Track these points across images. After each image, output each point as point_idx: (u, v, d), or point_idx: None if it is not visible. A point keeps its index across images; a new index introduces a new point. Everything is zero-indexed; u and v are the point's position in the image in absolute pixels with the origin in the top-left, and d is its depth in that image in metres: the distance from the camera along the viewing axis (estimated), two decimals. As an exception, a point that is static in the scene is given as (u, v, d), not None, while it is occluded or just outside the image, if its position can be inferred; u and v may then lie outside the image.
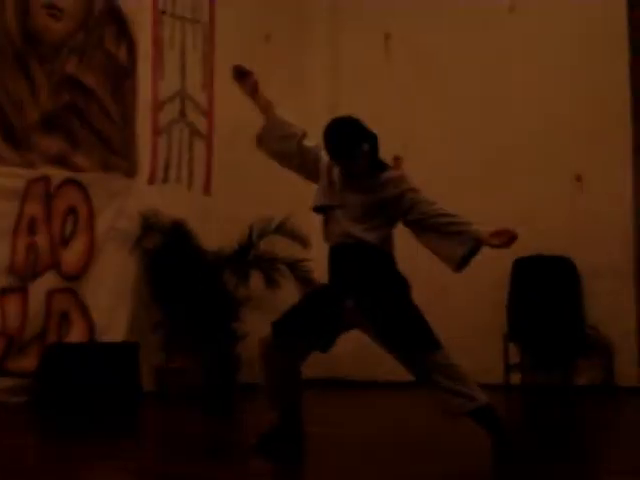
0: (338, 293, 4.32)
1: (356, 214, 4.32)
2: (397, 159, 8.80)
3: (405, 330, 4.34)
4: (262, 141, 4.65)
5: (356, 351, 8.95)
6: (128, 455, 4.52)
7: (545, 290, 8.02)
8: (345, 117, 4.39)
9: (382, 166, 4.42)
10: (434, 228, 4.48)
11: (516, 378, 8.10)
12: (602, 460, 4.42)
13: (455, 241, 4.44)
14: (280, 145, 4.51)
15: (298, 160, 4.48)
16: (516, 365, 8.10)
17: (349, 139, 4.26)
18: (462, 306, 8.48)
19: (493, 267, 8.21)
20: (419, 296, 4.80)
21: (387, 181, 4.37)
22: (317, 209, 4.43)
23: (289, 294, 8.13)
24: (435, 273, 8.58)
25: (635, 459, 4.30)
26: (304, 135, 4.49)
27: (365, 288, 4.31)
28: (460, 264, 4.53)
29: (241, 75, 4.98)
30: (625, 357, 7.76)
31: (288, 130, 4.52)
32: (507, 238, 4.38)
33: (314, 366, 4.69)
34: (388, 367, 8.41)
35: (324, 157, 4.40)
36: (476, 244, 4.42)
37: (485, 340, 8.22)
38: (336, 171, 4.38)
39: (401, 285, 4.54)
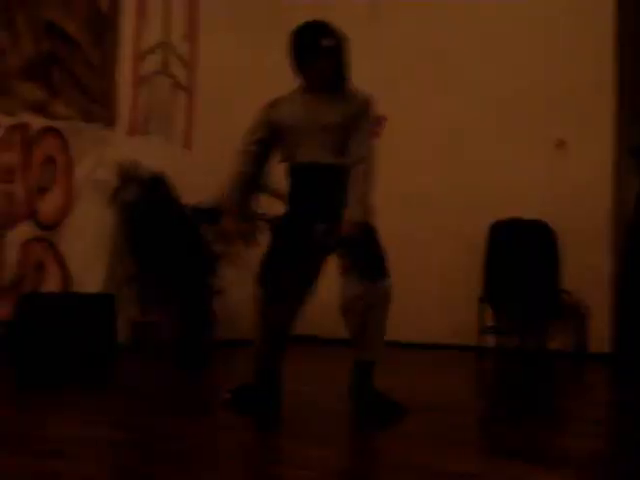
0: (307, 219, 4.32)
1: (325, 135, 4.29)
2: (381, 118, 8.80)
3: (369, 254, 4.38)
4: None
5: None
6: (99, 407, 4.54)
7: (521, 254, 8.05)
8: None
9: (347, 81, 4.43)
10: None
11: (490, 340, 8.16)
12: (563, 423, 4.47)
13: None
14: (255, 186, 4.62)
15: (266, 152, 4.54)
16: (490, 327, 8.15)
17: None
18: (439, 267, 8.53)
19: (470, 230, 8.28)
20: (395, 253, 4.82)
21: (355, 95, 4.39)
22: (284, 129, 4.40)
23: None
24: (413, 234, 8.69)
25: (594, 423, 4.36)
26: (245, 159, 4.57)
27: (335, 212, 4.26)
28: None
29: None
30: (599, 323, 7.82)
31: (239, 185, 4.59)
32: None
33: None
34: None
35: (272, 114, 4.44)
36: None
37: (460, 302, 8.28)
38: (298, 100, 4.38)
39: None
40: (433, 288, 8.53)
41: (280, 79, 5.14)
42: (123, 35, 7.96)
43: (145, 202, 7.72)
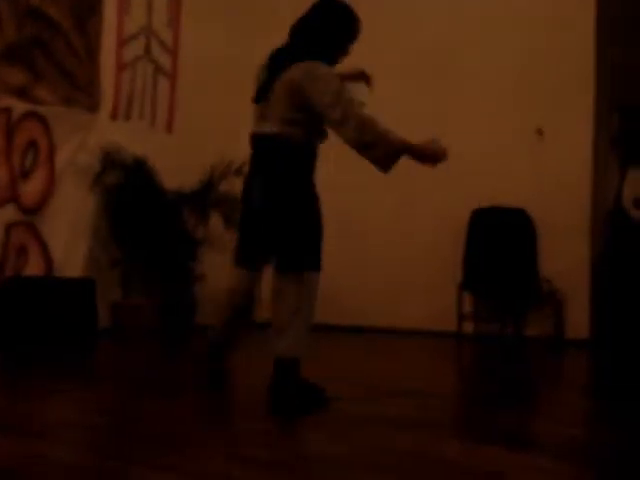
0: (249, 193, 4.29)
1: (274, 105, 4.14)
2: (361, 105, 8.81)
3: (294, 238, 4.11)
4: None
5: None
6: (82, 392, 4.57)
7: (501, 241, 8.12)
8: None
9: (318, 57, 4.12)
10: None
11: (469, 327, 8.24)
12: (540, 408, 4.54)
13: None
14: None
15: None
16: (469, 314, 8.23)
17: None
18: (419, 253, 8.58)
19: (451, 216, 8.34)
20: (375, 240, 4.84)
21: (297, 66, 4.08)
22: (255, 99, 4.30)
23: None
24: (394, 219, 8.74)
25: (571, 408, 4.43)
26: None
27: (269, 187, 4.14)
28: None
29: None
30: (576, 310, 7.90)
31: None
32: None
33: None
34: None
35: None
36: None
37: (440, 288, 8.34)
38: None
39: (306, 193, 4.20)
40: (414, 273, 8.58)
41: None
42: (106, 21, 7.96)
43: (127, 186, 7.74)
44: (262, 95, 4.22)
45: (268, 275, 4.30)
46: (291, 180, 4.13)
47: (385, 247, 8.70)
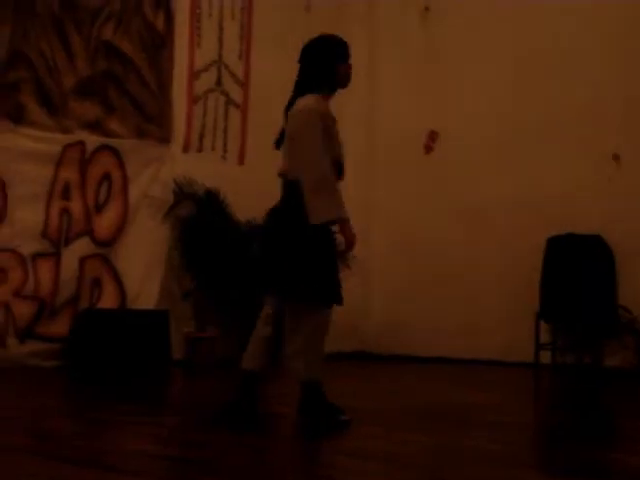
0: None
1: (285, 145, 4.39)
2: (433, 134, 8.77)
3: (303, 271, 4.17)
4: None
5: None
6: (155, 422, 4.55)
7: (578, 269, 7.94)
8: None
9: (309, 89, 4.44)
10: None
11: (546, 357, 8.06)
12: (620, 441, 4.40)
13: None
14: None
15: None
16: (547, 344, 8.05)
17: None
18: (495, 283, 8.46)
19: (527, 245, 8.19)
20: (451, 269, 4.76)
21: (294, 112, 4.39)
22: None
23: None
24: (469, 248, 8.64)
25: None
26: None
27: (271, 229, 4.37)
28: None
29: None
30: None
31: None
32: None
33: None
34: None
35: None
36: None
37: (517, 318, 8.19)
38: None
39: (315, 229, 4.20)
40: (490, 303, 8.46)
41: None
42: (177, 54, 8.03)
43: (199, 218, 7.76)
44: (280, 138, 4.51)
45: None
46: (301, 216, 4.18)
47: (462, 277, 8.60)
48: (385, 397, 4.06)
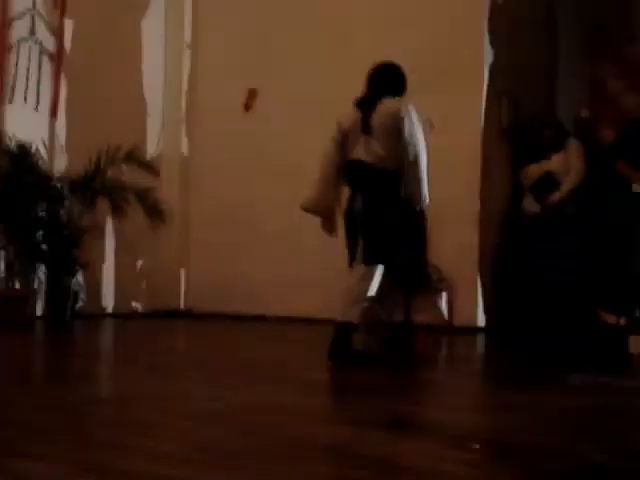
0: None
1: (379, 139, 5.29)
2: (252, 91, 8.76)
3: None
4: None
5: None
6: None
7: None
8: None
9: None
10: None
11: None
12: (433, 394, 4.52)
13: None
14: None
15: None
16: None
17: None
18: (319, 243, 8.53)
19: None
20: (274, 228, 4.76)
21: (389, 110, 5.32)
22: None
23: (136, 224, 8.04)
24: (293, 207, 8.63)
25: (466, 395, 4.43)
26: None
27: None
28: None
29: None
30: (464, 298, 7.96)
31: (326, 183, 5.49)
32: None
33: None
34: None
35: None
36: None
37: (339, 278, 8.26)
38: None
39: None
40: (313, 263, 8.50)
41: (150, 45, 5.04)
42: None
43: (11, 172, 7.53)
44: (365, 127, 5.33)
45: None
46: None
47: (283, 236, 8.62)
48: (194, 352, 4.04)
